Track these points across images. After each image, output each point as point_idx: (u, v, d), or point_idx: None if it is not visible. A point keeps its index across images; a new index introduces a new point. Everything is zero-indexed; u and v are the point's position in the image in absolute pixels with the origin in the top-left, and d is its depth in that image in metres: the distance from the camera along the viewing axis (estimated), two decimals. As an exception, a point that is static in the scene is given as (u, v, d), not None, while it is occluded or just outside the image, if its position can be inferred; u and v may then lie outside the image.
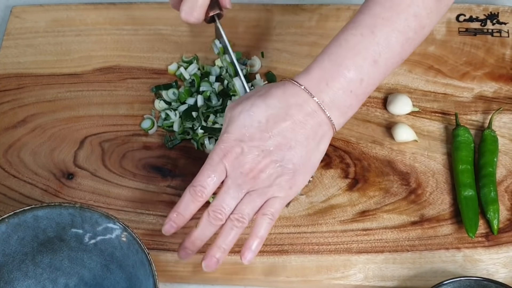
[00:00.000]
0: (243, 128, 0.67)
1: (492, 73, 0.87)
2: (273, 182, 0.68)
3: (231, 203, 0.68)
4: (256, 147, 0.67)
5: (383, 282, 0.74)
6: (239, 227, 0.68)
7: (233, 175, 0.67)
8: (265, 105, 0.68)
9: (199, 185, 0.68)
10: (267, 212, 0.68)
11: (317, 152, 0.69)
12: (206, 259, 0.68)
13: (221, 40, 0.84)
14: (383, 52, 0.68)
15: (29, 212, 0.68)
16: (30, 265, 0.72)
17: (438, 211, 0.78)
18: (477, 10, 0.92)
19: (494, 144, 0.80)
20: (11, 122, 0.86)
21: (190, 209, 0.68)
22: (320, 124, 0.68)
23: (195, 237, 0.68)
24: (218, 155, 0.68)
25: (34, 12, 0.95)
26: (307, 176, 0.70)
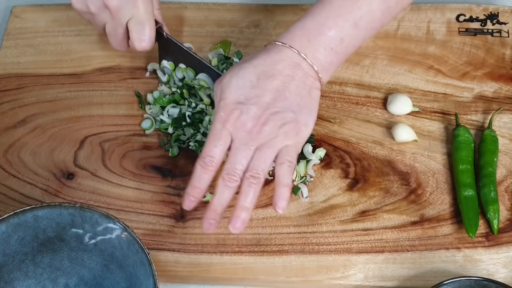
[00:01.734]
0: (237, 90, 0.70)
1: (492, 73, 0.87)
2: (278, 132, 0.69)
3: (242, 162, 0.69)
4: (253, 105, 0.69)
5: (383, 282, 0.74)
6: (256, 183, 0.68)
7: (238, 136, 0.69)
8: (252, 66, 0.71)
9: (207, 155, 0.69)
10: (284, 161, 0.69)
11: (311, 98, 0.72)
12: (232, 221, 0.68)
13: (169, 56, 0.84)
14: (364, 16, 0.73)
15: (29, 212, 0.68)
16: (30, 265, 0.72)
17: (438, 211, 0.78)
18: (477, 10, 0.92)
19: (494, 144, 0.80)
20: (11, 122, 0.86)
21: (204, 180, 0.69)
22: (307, 75, 0.71)
23: (215, 205, 0.69)
24: (219, 122, 0.69)
25: (34, 12, 0.95)
26: (310, 121, 0.71)
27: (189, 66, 0.83)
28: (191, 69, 0.83)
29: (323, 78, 0.73)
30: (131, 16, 0.77)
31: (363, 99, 0.86)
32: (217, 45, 0.90)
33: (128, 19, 0.78)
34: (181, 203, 0.79)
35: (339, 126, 0.84)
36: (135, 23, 0.78)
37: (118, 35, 0.80)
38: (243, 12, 0.94)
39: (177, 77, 0.84)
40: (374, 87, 0.87)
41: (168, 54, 0.85)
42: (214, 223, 0.69)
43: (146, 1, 0.78)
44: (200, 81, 0.81)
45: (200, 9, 0.94)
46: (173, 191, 0.80)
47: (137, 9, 0.77)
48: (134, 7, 0.77)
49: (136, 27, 0.78)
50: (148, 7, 0.78)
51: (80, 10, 0.79)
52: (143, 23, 0.78)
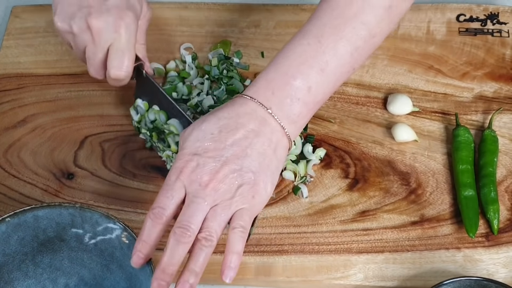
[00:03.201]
0: (197, 142, 0.66)
1: (492, 73, 0.87)
2: (235, 193, 0.64)
3: (196, 216, 0.63)
4: (211, 158, 0.65)
5: (383, 282, 0.74)
6: (208, 246, 0.63)
7: (192, 189, 0.64)
8: (216, 118, 0.67)
9: (157, 207, 0.64)
10: (237, 226, 0.64)
11: (275, 159, 0.67)
12: (179, 285, 0.62)
13: (145, 96, 0.81)
14: (331, 61, 0.67)
15: (29, 212, 0.68)
16: (30, 265, 0.72)
17: (438, 211, 0.78)
18: (477, 10, 0.92)
19: (494, 144, 0.80)
20: (11, 122, 0.86)
21: (153, 234, 0.64)
22: (273, 131, 0.67)
23: (166, 264, 0.62)
24: (174, 173, 0.65)
25: (34, 12, 0.95)
26: (269, 185, 0.66)
27: (163, 109, 0.80)
28: (164, 112, 0.79)
29: (291, 133, 0.68)
30: (112, 41, 0.74)
31: (363, 99, 0.86)
32: (217, 45, 0.90)
33: (109, 44, 0.75)
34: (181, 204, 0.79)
35: (339, 126, 0.84)
36: (115, 49, 0.75)
37: (97, 60, 0.76)
38: (243, 12, 0.94)
39: (149, 118, 0.81)
40: (374, 87, 0.87)
41: (144, 94, 0.82)
42: (164, 285, 0.62)
43: (129, 31, 0.75)
44: (170, 126, 0.78)
45: (200, 9, 0.94)
46: (173, 191, 0.80)
47: (119, 35, 0.74)
48: (116, 32, 0.74)
49: (116, 53, 0.75)
50: (130, 37, 0.75)
51: (62, 29, 0.76)
52: (123, 50, 0.75)
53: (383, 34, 0.70)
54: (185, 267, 0.63)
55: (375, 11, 0.67)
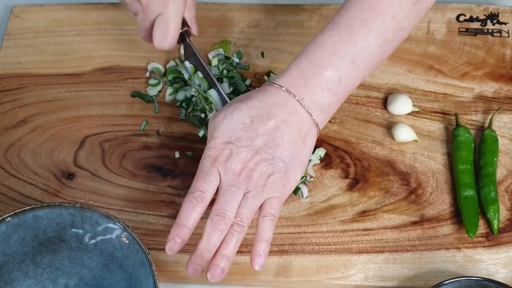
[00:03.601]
0: (229, 131, 0.68)
1: (492, 73, 0.87)
2: (266, 182, 0.67)
3: (232, 204, 0.66)
4: (244, 147, 0.67)
5: (383, 282, 0.74)
6: (239, 231, 0.66)
7: (226, 177, 0.67)
8: (247, 107, 0.69)
9: (197, 190, 0.66)
10: (267, 214, 0.67)
11: (304, 149, 0.69)
12: (211, 269, 0.65)
13: (192, 59, 0.84)
14: (361, 53, 0.69)
15: (29, 212, 0.68)
16: (30, 265, 0.72)
17: (438, 211, 0.78)
18: (477, 10, 0.92)
19: (494, 144, 0.80)
20: (12, 122, 0.86)
21: (192, 217, 0.66)
22: (303, 121, 0.69)
23: (202, 249, 0.65)
24: (208, 161, 0.67)
25: (34, 12, 0.95)
26: (298, 174, 0.69)
27: (204, 77, 0.83)
28: (206, 81, 0.82)
29: (320, 122, 0.70)
30: (159, 13, 0.77)
31: (363, 99, 0.86)
32: (217, 45, 0.90)
33: (156, 15, 0.77)
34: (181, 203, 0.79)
35: (339, 126, 0.84)
36: (161, 22, 0.77)
37: (145, 28, 0.79)
38: (243, 12, 0.94)
39: (195, 82, 0.84)
40: (374, 87, 0.87)
41: (191, 58, 0.84)
42: (200, 270, 0.65)
43: (176, 4, 0.77)
44: (210, 97, 0.81)
45: (200, 9, 0.94)
46: (173, 191, 0.80)
47: (165, 8, 0.76)
48: (163, 6, 0.76)
49: (161, 26, 0.77)
50: (178, 9, 0.77)
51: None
52: (168, 23, 0.77)
53: (410, 27, 0.72)
54: (217, 252, 0.65)
55: (403, 5, 0.69)
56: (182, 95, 0.86)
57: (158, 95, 0.87)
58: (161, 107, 0.86)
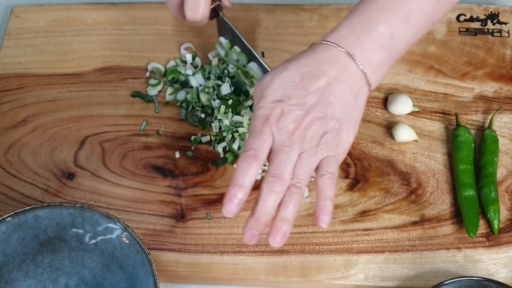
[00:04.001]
0: (279, 90, 0.65)
1: (492, 73, 0.87)
2: (320, 141, 0.64)
3: (287, 165, 0.63)
4: (295, 105, 0.64)
5: (383, 282, 0.74)
6: (297, 193, 0.63)
7: (279, 137, 0.64)
8: (297, 65, 0.66)
9: (251, 148, 0.63)
10: (325, 172, 0.64)
11: (356, 107, 0.67)
12: (272, 233, 0.62)
13: (227, 34, 0.83)
14: (415, 11, 0.68)
15: (29, 212, 0.68)
16: (30, 265, 0.72)
17: (439, 211, 0.78)
18: (477, 10, 0.92)
19: (495, 144, 0.80)
20: (12, 122, 0.86)
21: (249, 176, 0.63)
22: (355, 78, 0.66)
23: (259, 213, 0.62)
24: (259, 120, 0.65)
25: (34, 12, 0.95)
26: (351, 134, 0.67)
27: (242, 51, 0.82)
28: (244, 54, 0.81)
29: (373, 80, 0.67)
30: None
31: (363, 99, 0.86)
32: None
33: None
34: (181, 203, 0.79)
35: (339, 126, 0.84)
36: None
37: (176, 2, 0.78)
38: (243, 11, 0.93)
39: (233, 58, 0.83)
40: (374, 87, 0.87)
41: (226, 33, 0.83)
42: (257, 235, 0.63)
43: None
44: (250, 70, 0.79)
45: (201, 9, 0.94)
46: (174, 191, 0.80)
47: None
48: None
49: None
50: None
51: None
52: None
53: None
54: (277, 216, 0.63)
55: None
56: (182, 95, 0.86)
57: (158, 95, 0.87)
58: (161, 107, 0.86)
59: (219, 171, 0.81)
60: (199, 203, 0.79)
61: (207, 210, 0.78)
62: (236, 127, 0.82)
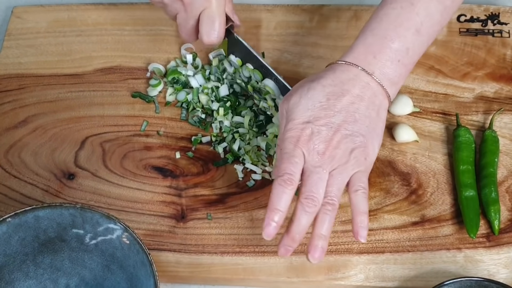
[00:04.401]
0: (307, 111, 0.68)
1: (493, 73, 0.87)
2: (350, 157, 0.68)
3: (319, 186, 0.67)
4: (324, 125, 0.68)
5: (384, 283, 0.74)
6: (331, 210, 0.67)
7: (311, 158, 0.67)
8: (321, 86, 0.69)
9: (285, 173, 0.67)
10: (358, 188, 0.68)
11: (379, 121, 0.70)
12: (311, 251, 0.67)
13: (237, 52, 0.84)
14: (424, 21, 0.71)
15: (30, 212, 0.68)
16: (31, 266, 0.72)
17: (439, 211, 0.78)
18: (478, 11, 0.92)
19: (495, 144, 0.80)
20: (12, 123, 0.86)
21: (284, 200, 0.67)
22: (376, 94, 0.70)
23: (294, 232, 0.67)
24: (290, 142, 0.68)
25: (35, 13, 0.95)
26: (376, 146, 0.70)
27: (256, 68, 0.82)
28: (258, 71, 0.82)
29: (391, 94, 0.71)
30: (203, 9, 0.77)
31: (364, 100, 0.86)
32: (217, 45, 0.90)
33: (200, 11, 0.77)
34: (181, 204, 0.79)
35: (340, 127, 0.84)
36: (206, 17, 0.77)
37: (188, 26, 0.79)
38: (243, 12, 0.93)
39: (244, 74, 0.83)
40: (375, 87, 0.87)
41: (237, 51, 0.84)
42: (291, 250, 0.68)
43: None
44: (266, 86, 0.80)
45: (201, 9, 0.94)
46: (174, 192, 0.80)
47: (209, 3, 0.77)
48: (207, 1, 0.77)
49: (207, 21, 0.77)
50: (221, 2, 0.78)
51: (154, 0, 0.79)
52: (213, 17, 0.77)
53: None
54: (314, 233, 0.67)
55: None
56: (182, 95, 0.86)
57: (158, 95, 0.87)
58: (161, 107, 0.86)
59: (220, 172, 0.81)
60: (199, 204, 0.79)
61: (208, 210, 0.78)
62: (236, 127, 0.82)
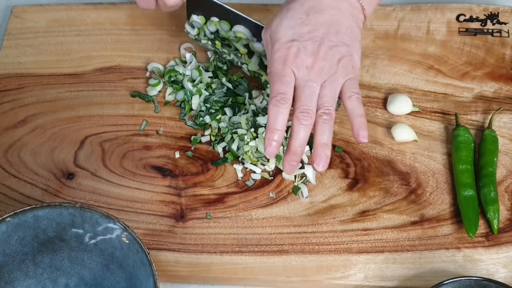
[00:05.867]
0: (289, 30, 0.71)
1: (492, 73, 0.87)
2: (338, 67, 0.70)
3: (312, 98, 0.69)
4: (309, 40, 0.70)
5: (383, 282, 0.74)
6: (329, 119, 0.69)
7: (301, 74, 0.70)
8: (299, 4, 0.72)
9: (278, 93, 0.69)
10: (351, 94, 0.70)
11: (358, 31, 0.73)
12: (316, 160, 0.69)
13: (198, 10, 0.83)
14: None
15: (29, 212, 0.68)
16: (30, 265, 0.72)
17: (438, 211, 0.78)
18: (477, 10, 0.92)
19: (494, 144, 0.80)
20: (12, 122, 0.86)
21: (280, 119, 0.69)
22: (353, 7, 0.73)
23: (295, 146, 0.69)
24: (279, 62, 0.70)
25: (34, 12, 0.95)
26: (359, 54, 0.73)
27: (222, 19, 0.83)
28: (225, 21, 0.82)
29: (367, 11, 0.74)
30: None
31: (363, 99, 0.85)
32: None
33: None
34: (181, 203, 0.79)
35: (339, 126, 0.84)
36: None
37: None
38: (243, 12, 0.93)
39: (209, 30, 0.84)
40: (374, 87, 0.87)
41: (197, 9, 0.84)
42: (295, 165, 0.70)
43: None
44: (237, 33, 0.81)
45: (200, 9, 0.94)
46: (173, 191, 0.80)
47: None
48: None
49: None
50: None
51: None
52: None
53: None
54: (316, 144, 0.69)
55: None
56: (181, 95, 0.86)
57: (158, 95, 0.87)
58: (161, 107, 0.86)
59: (219, 171, 0.81)
60: (199, 203, 0.79)
61: (207, 210, 0.78)
62: (235, 128, 0.82)
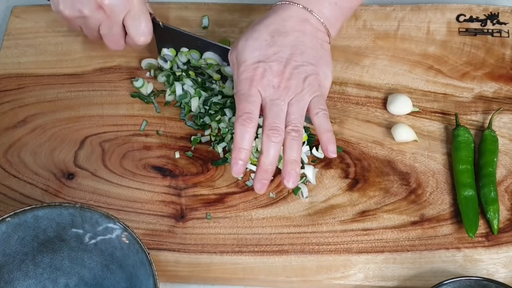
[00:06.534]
0: (255, 51, 0.73)
1: (492, 73, 0.87)
2: (304, 85, 0.72)
3: (280, 116, 0.71)
4: (274, 61, 0.72)
5: (383, 282, 0.74)
6: (297, 135, 0.71)
7: (268, 93, 0.72)
8: (264, 26, 0.74)
9: (244, 113, 0.70)
10: (318, 110, 0.72)
11: (324, 51, 0.75)
12: (286, 177, 0.70)
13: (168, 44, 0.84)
14: None
15: (29, 212, 0.68)
16: (30, 265, 0.72)
17: (438, 211, 0.78)
18: (477, 10, 0.92)
19: (494, 144, 0.80)
20: (12, 122, 0.86)
21: (247, 139, 0.70)
22: (317, 29, 0.75)
23: (265, 164, 0.70)
24: (245, 83, 0.72)
25: (34, 12, 0.95)
26: (328, 73, 0.75)
27: (191, 48, 0.84)
28: (194, 50, 0.84)
29: (331, 33, 0.76)
30: (126, 12, 0.77)
31: (363, 99, 0.86)
32: None
33: (124, 15, 0.77)
34: (181, 203, 0.79)
35: (339, 126, 0.84)
36: (131, 18, 0.78)
37: (114, 34, 0.79)
38: (243, 12, 0.94)
39: (181, 61, 0.85)
40: (374, 87, 0.87)
41: (167, 42, 0.85)
42: (266, 183, 0.71)
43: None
44: (207, 59, 0.82)
45: (200, 9, 0.94)
46: (173, 191, 0.80)
47: (131, 4, 0.77)
48: (128, 2, 0.77)
49: (133, 22, 0.78)
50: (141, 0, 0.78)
51: (71, 16, 0.78)
52: (139, 17, 0.78)
53: None
54: (285, 160, 0.71)
55: None
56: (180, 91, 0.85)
57: (157, 94, 0.87)
58: (161, 107, 0.86)
59: (219, 171, 0.81)
60: (198, 203, 0.79)
61: (207, 210, 0.78)
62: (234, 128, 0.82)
